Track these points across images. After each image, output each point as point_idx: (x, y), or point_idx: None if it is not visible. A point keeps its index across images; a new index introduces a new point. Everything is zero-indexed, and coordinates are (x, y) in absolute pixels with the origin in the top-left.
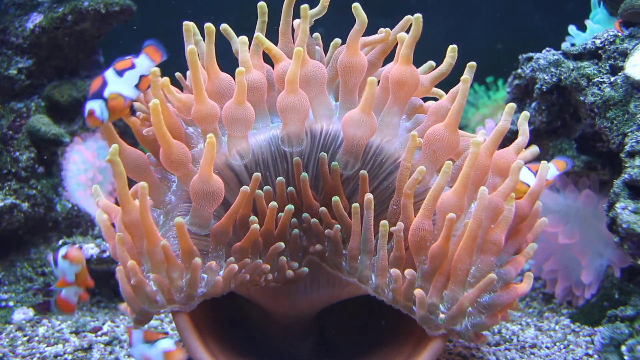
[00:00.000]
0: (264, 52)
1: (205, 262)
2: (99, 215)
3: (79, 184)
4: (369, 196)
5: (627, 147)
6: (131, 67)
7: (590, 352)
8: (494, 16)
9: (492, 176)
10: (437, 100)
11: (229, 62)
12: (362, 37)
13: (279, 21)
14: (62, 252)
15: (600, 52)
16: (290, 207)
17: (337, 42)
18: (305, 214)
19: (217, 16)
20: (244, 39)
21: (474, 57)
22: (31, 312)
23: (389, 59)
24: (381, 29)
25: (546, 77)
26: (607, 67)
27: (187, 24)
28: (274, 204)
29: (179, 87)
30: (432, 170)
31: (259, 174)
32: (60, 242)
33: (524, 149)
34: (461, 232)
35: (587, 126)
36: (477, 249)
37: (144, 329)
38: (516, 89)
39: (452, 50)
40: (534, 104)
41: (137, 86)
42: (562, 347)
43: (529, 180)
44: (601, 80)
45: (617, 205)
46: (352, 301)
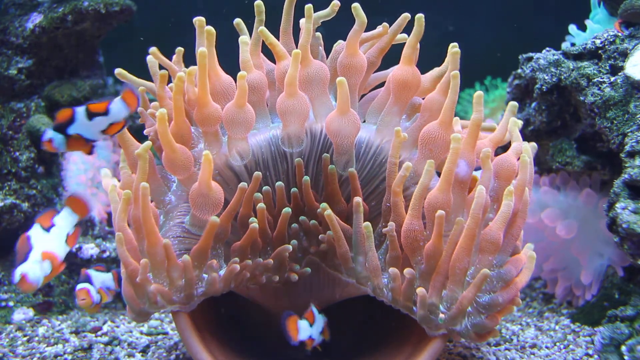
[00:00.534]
0: (265, 47)
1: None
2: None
3: (79, 184)
4: (357, 200)
5: (627, 147)
6: (105, 113)
7: (590, 352)
8: (494, 16)
9: (495, 180)
10: None
11: (229, 62)
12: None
13: (277, 21)
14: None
15: (600, 52)
16: (287, 210)
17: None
18: (302, 217)
19: (218, 16)
20: (244, 38)
21: (474, 57)
22: (31, 312)
23: (392, 59)
24: (379, 26)
25: (546, 77)
26: (607, 67)
27: (200, 20)
28: (262, 205)
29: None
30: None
31: (260, 173)
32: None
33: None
34: (455, 230)
35: (587, 126)
36: (474, 248)
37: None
38: (516, 89)
39: (453, 48)
40: (534, 104)
41: (104, 131)
42: (562, 347)
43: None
44: (601, 80)
45: (617, 205)
46: (352, 301)
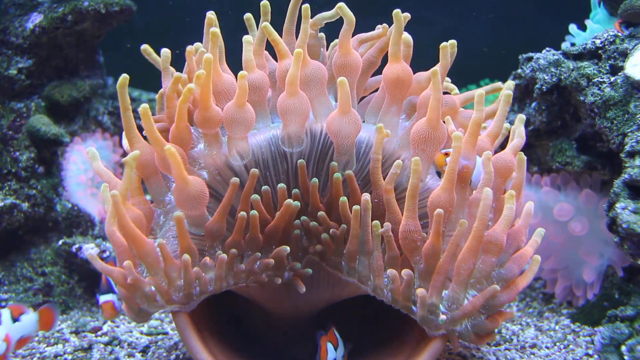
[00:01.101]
0: (269, 47)
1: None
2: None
3: (79, 184)
4: (366, 197)
5: (627, 147)
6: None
7: (590, 352)
8: (493, 16)
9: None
10: (449, 94)
11: (232, 60)
12: (360, 34)
13: (281, 22)
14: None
15: (600, 52)
16: (296, 204)
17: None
18: (303, 217)
19: (218, 16)
20: (248, 38)
21: (473, 57)
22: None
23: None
24: (378, 26)
25: (546, 77)
26: (607, 67)
27: (210, 19)
28: (256, 197)
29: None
30: (427, 167)
31: (256, 171)
32: (60, 242)
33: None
34: (458, 231)
35: (587, 126)
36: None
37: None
38: (516, 89)
39: (451, 46)
40: (534, 104)
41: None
42: (562, 347)
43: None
44: (601, 80)
45: (617, 205)
46: (352, 301)
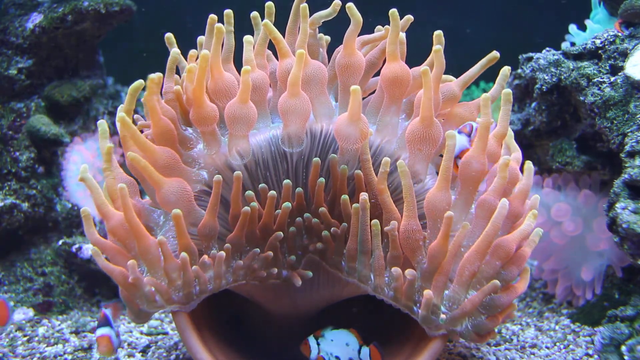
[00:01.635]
0: (270, 44)
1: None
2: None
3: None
4: (364, 196)
5: (627, 147)
6: None
7: (590, 352)
8: (494, 16)
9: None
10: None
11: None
12: (363, 35)
13: (283, 22)
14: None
15: (600, 52)
16: (287, 205)
17: (329, 39)
18: (307, 214)
19: (218, 15)
20: (249, 38)
21: (473, 57)
22: (31, 312)
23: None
24: (379, 27)
25: (546, 77)
26: (607, 67)
27: (212, 18)
28: (250, 193)
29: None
30: (425, 167)
31: (240, 173)
32: (60, 242)
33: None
34: (460, 232)
35: (587, 126)
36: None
37: None
38: (516, 89)
39: (437, 37)
40: (534, 104)
41: None
42: (562, 347)
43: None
44: (601, 80)
45: (617, 205)
46: (352, 301)
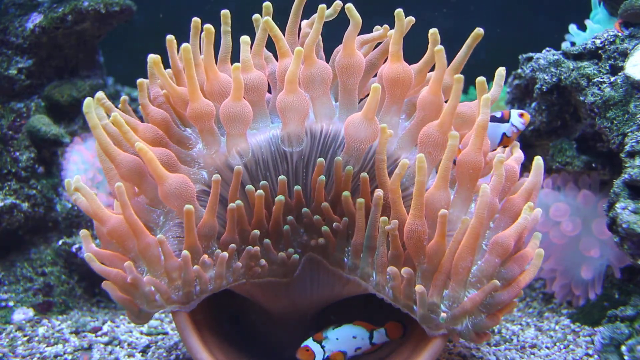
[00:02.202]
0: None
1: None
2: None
3: None
4: (379, 193)
5: (627, 147)
6: None
7: (590, 352)
8: (494, 16)
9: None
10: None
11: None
12: (362, 35)
13: (282, 23)
14: None
15: (600, 52)
16: (280, 197)
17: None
18: (305, 209)
19: (217, 15)
20: (245, 38)
21: (473, 57)
22: (31, 312)
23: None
24: (377, 27)
25: (546, 77)
26: (607, 67)
27: (195, 21)
28: (239, 202)
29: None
30: (431, 169)
31: (240, 168)
32: (60, 242)
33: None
34: (459, 229)
35: (587, 126)
36: (477, 247)
37: None
38: (516, 89)
39: (432, 35)
40: (534, 104)
41: None
42: (562, 347)
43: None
44: (601, 80)
45: (617, 205)
46: (352, 301)
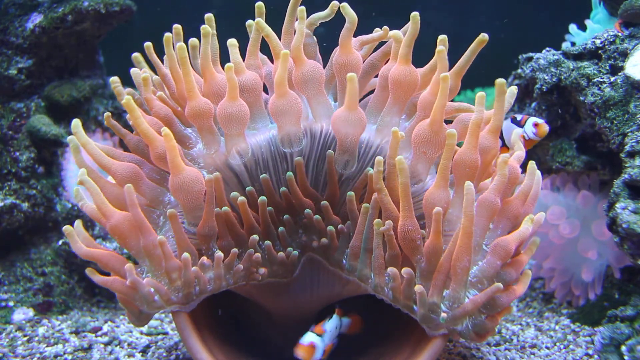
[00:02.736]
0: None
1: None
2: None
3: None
4: (375, 196)
5: (627, 147)
6: None
7: (590, 352)
8: (494, 16)
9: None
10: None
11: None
12: (361, 35)
13: (278, 24)
14: None
15: (600, 52)
16: (262, 199)
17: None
18: (307, 210)
19: (218, 15)
20: (232, 41)
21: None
22: (31, 312)
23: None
24: (377, 29)
25: (546, 77)
26: (607, 67)
27: (176, 28)
28: (235, 194)
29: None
30: (427, 168)
31: (218, 174)
32: (60, 242)
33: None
34: (459, 229)
35: (587, 126)
36: (477, 247)
37: None
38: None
39: (440, 41)
40: (534, 104)
41: None
42: (562, 347)
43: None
44: (601, 80)
45: (617, 205)
46: (352, 301)
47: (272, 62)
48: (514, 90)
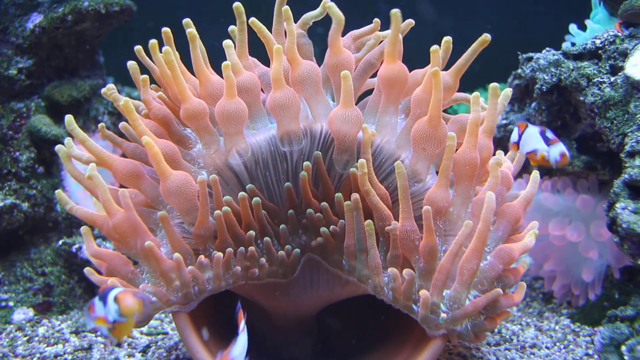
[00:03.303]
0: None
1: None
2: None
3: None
4: (355, 196)
5: (627, 147)
6: None
7: (590, 352)
8: (494, 16)
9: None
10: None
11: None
12: (353, 30)
13: (267, 26)
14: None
15: (600, 52)
16: (257, 200)
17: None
18: (310, 210)
19: (217, 15)
20: (228, 42)
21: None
22: (31, 312)
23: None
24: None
25: (546, 77)
26: (607, 67)
27: (166, 31)
28: (228, 198)
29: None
30: (427, 167)
31: (204, 177)
32: (60, 242)
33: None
34: (462, 231)
35: (587, 126)
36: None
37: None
38: (516, 89)
39: (445, 42)
40: (534, 104)
41: None
42: (562, 347)
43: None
44: (601, 80)
45: (617, 205)
46: (352, 301)
47: (263, 64)
48: (508, 92)
